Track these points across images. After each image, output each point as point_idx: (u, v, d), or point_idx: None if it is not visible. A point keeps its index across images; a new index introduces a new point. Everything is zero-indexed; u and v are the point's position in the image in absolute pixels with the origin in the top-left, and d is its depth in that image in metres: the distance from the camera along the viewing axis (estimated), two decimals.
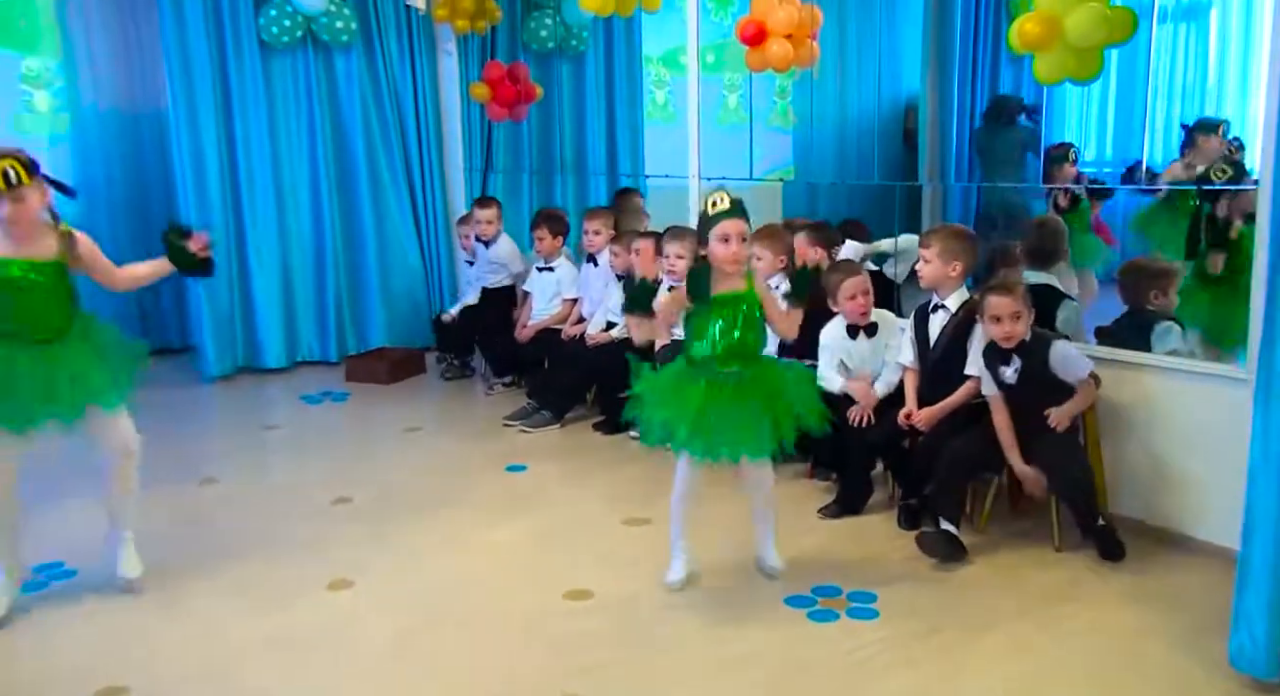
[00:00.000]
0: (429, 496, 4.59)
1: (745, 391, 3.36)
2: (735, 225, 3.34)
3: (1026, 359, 3.75)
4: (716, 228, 3.34)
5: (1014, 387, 3.78)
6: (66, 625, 3.50)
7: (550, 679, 3.04)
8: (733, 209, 3.36)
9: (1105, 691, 2.95)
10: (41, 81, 6.88)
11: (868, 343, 4.33)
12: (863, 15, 8.83)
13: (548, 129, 7.68)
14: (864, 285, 4.28)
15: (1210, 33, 7.35)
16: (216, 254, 6.40)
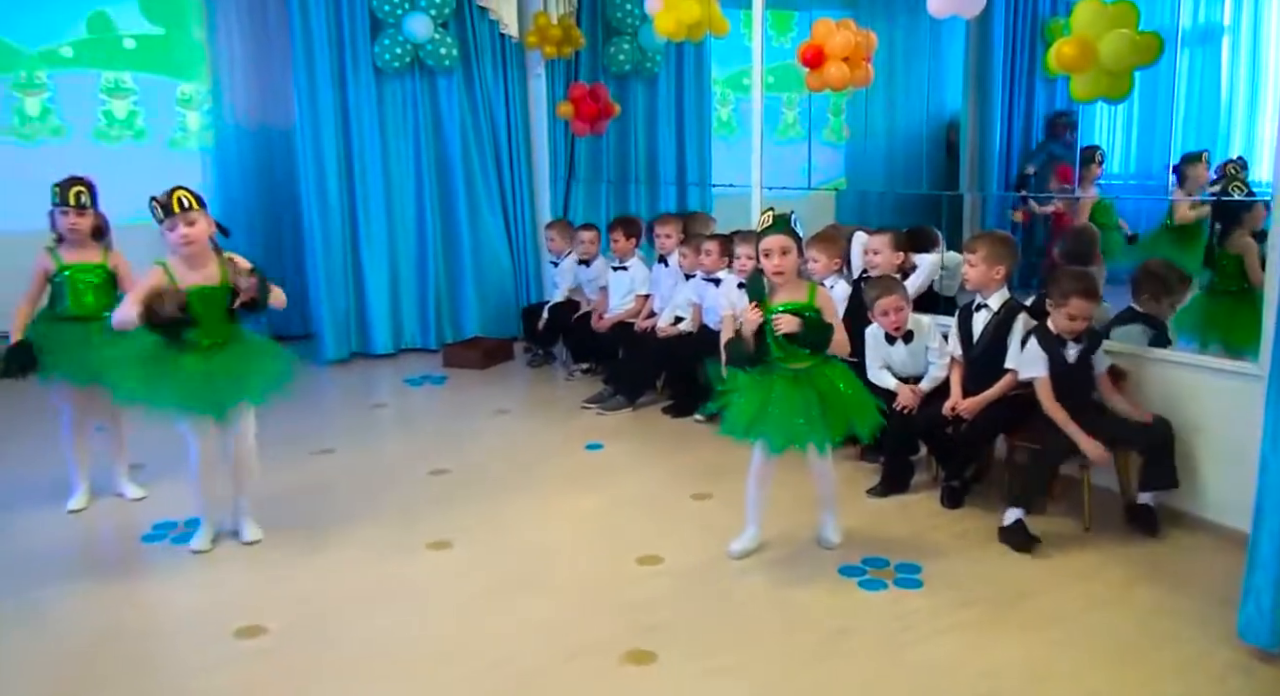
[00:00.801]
0: (516, 470, 4.60)
1: (806, 386, 3.31)
2: (776, 241, 3.29)
3: (1088, 342, 3.71)
4: (761, 244, 3.33)
5: (1070, 368, 3.70)
6: (208, 572, 3.59)
7: (622, 635, 3.03)
8: (774, 225, 3.31)
9: (1123, 659, 2.86)
10: (193, 104, 7.06)
11: (905, 348, 4.25)
12: (909, 37, 8.70)
13: (624, 143, 7.69)
14: (897, 303, 4.20)
15: (1222, 57, 7.17)
16: (335, 254, 6.56)
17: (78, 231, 3.94)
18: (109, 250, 4.04)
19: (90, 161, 6.41)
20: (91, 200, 3.97)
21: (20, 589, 3.41)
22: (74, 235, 3.94)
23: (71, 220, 3.91)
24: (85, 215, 3.94)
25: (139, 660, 2.97)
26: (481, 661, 2.91)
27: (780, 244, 3.29)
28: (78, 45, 6.70)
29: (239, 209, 7.10)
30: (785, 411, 3.27)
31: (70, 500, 4.12)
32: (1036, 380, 3.75)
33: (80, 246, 3.98)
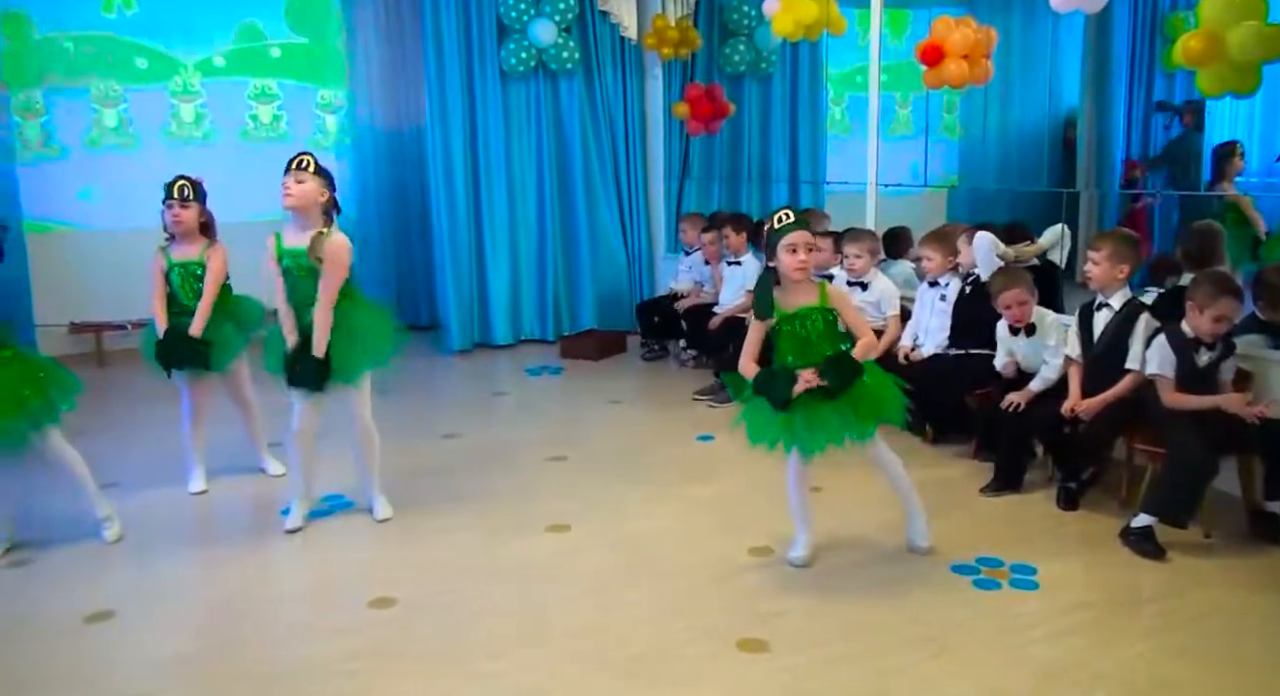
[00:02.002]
0: (630, 458, 4.63)
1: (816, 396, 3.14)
2: (802, 236, 3.16)
3: (1222, 349, 3.54)
4: (785, 238, 3.15)
5: (1199, 372, 3.52)
6: (343, 545, 3.73)
7: (733, 622, 3.02)
8: (799, 222, 3.20)
9: (1244, 670, 2.72)
10: (331, 108, 7.33)
11: (1027, 341, 4.13)
12: (1026, 32, 8.41)
13: (737, 141, 7.66)
14: (1020, 296, 4.09)
15: None
16: (461, 249, 6.69)
17: (182, 224, 4.03)
18: (210, 246, 4.10)
19: (237, 163, 6.79)
20: (196, 194, 4.06)
21: (168, 558, 3.61)
22: (179, 228, 4.04)
23: (175, 212, 4.01)
24: (189, 207, 4.04)
25: (277, 624, 3.11)
26: (602, 640, 2.95)
27: (807, 239, 3.19)
28: (229, 55, 7.02)
29: (371, 206, 7.35)
30: (814, 412, 3.13)
31: (190, 483, 4.27)
32: (1159, 379, 3.58)
33: (186, 241, 4.07)
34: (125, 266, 6.08)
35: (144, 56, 6.81)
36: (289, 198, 3.52)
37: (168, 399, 4.70)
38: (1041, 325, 4.11)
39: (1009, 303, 4.10)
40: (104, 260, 6.52)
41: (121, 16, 6.73)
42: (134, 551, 3.66)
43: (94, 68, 6.69)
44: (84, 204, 6.73)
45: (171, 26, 6.82)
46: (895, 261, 6.01)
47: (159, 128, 6.90)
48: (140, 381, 5.67)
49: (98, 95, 6.74)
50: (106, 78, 6.73)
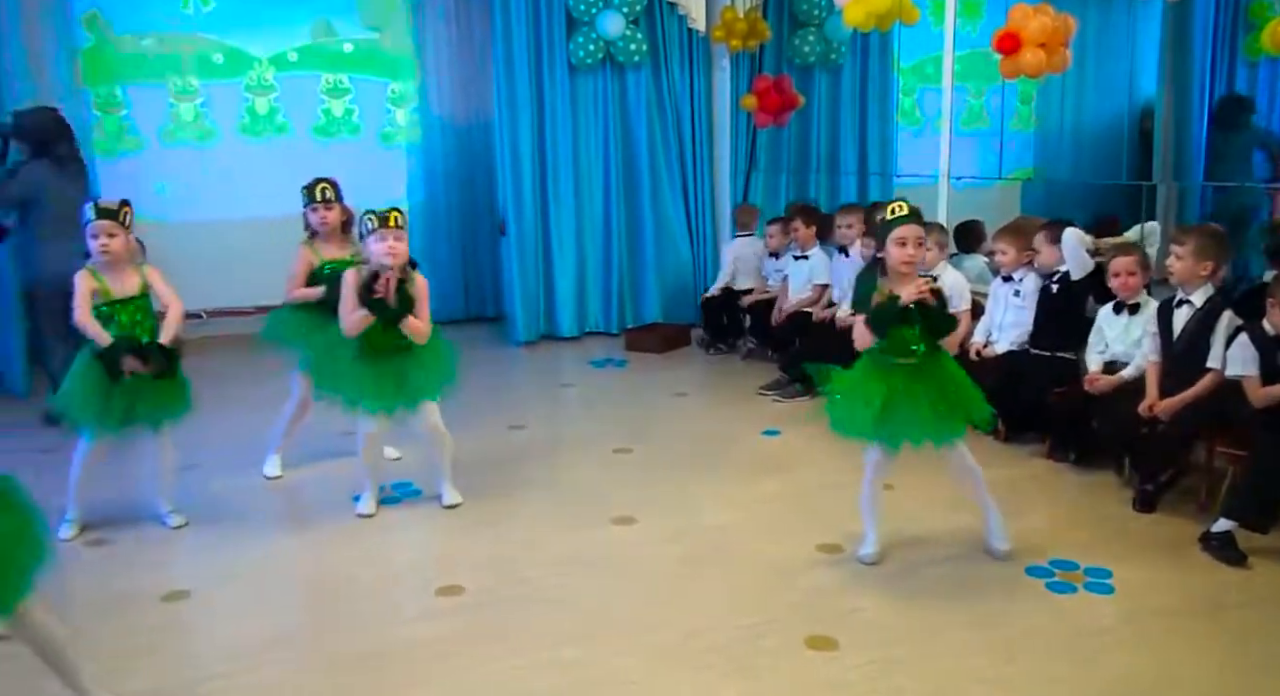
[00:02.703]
0: (696, 452, 4.65)
1: (920, 380, 3.17)
2: (914, 230, 3.15)
3: None
4: (896, 231, 3.16)
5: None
6: (412, 533, 3.82)
7: (801, 619, 3.03)
8: (911, 215, 3.18)
9: None
10: (402, 101, 7.44)
11: (1124, 321, 4.07)
12: (1102, 20, 8.21)
13: (805, 133, 7.61)
14: (1129, 266, 4.04)
15: None
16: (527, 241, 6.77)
17: (328, 224, 4.19)
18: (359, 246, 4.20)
19: (309, 156, 6.94)
20: (337, 195, 4.21)
21: (241, 541, 3.72)
22: (325, 228, 4.20)
23: (321, 214, 4.17)
24: (333, 209, 4.19)
25: (348, 609, 3.19)
26: (671, 633, 2.97)
27: (919, 234, 3.17)
28: (302, 50, 7.18)
29: (440, 198, 7.46)
30: (911, 406, 3.14)
31: (267, 466, 4.40)
32: (1244, 379, 3.48)
33: (333, 240, 4.22)
34: (200, 257, 6.28)
35: (219, 52, 6.99)
36: (396, 257, 3.67)
37: (241, 386, 4.87)
38: (1145, 309, 4.03)
39: (1119, 269, 4.04)
40: (179, 252, 6.68)
41: (198, 13, 6.92)
42: (207, 533, 3.78)
43: (171, 64, 6.89)
44: (160, 197, 6.93)
45: (246, 23, 6.99)
46: (968, 256, 5.94)
47: (234, 122, 7.08)
48: (216, 367, 5.85)
49: (174, 90, 6.94)
50: (183, 73, 6.92)
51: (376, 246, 3.65)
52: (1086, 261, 4.38)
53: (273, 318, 4.32)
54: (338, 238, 4.24)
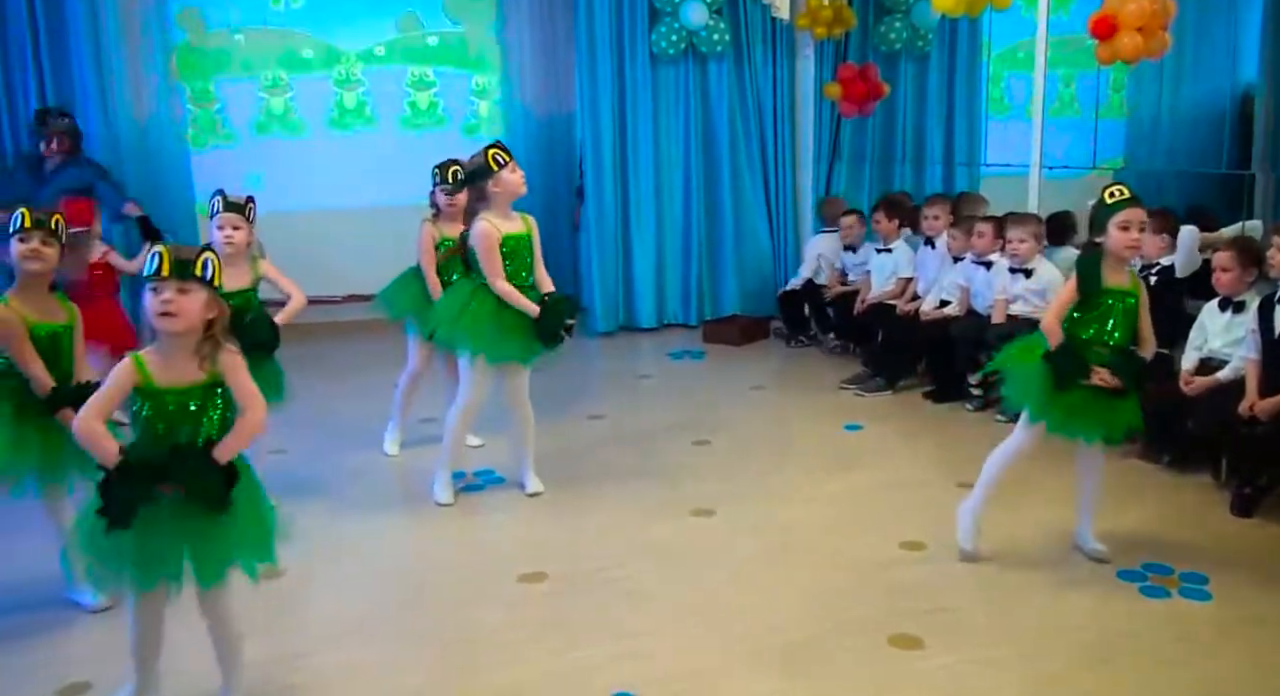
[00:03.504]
0: (775, 445, 4.64)
1: None
2: (1138, 214, 3.05)
3: None
4: (1119, 215, 3.05)
5: None
6: (495, 520, 3.90)
7: (888, 617, 3.00)
8: (1132, 199, 3.08)
9: None
10: (485, 94, 7.55)
11: (1227, 319, 3.95)
12: (1201, 2, 7.89)
13: (890, 122, 7.50)
14: (1227, 262, 3.91)
15: None
16: (607, 232, 6.80)
17: (455, 208, 4.31)
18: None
19: (395, 148, 7.07)
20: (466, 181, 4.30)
21: (334, 523, 3.83)
22: (450, 210, 4.33)
23: (450, 199, 4.31)
24: (461, 194, 4.24)
25: (436, 591, 3.27)
26: (752, 626, 2.98)
27: (1142, 217, 3.07)
28: (389, 44, 7.32)
29: None
30: (1089, 397, 3.08)
31: (386, 444, 4.55)
32: None
33: (455, 222, 4.31)
34: (292, 246, 6.44)
35: (309, 47, 7.17)
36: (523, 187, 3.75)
37: (337, 373, 5.01)
38: (1250, 307, 3.89)
39: (1223, 265, 3.93)
40: (273, 241, 6.89)
41: (288, 9, 7.10)
42: (301, 515, 3.84)
43: (262, 59, 7.09)
44: (252, 188, 7.15)
45: (335, 18, 7.16)
46: (1059, 248, 5.78)
47: (323, 115, 7.26)
48: (308, 354, 6.01)
49: (266, 84, 7.14)
50: (274, 68, 7.13)
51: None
52: (1196, 260, 4.25)
53: (395, 285, 4.44)
54: (458, 220, 4.29)
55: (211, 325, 2.32)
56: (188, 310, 2.26)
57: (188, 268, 2.25)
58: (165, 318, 2.25)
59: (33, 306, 2.93)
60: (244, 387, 2.36)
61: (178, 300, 2.24)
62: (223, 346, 2.34)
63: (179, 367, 2.31)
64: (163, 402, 2.30)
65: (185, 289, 2.25)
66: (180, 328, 2.27)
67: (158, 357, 2.32)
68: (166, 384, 2.30)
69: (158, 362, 2.31)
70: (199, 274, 2.27)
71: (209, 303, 2.30)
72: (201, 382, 2.32)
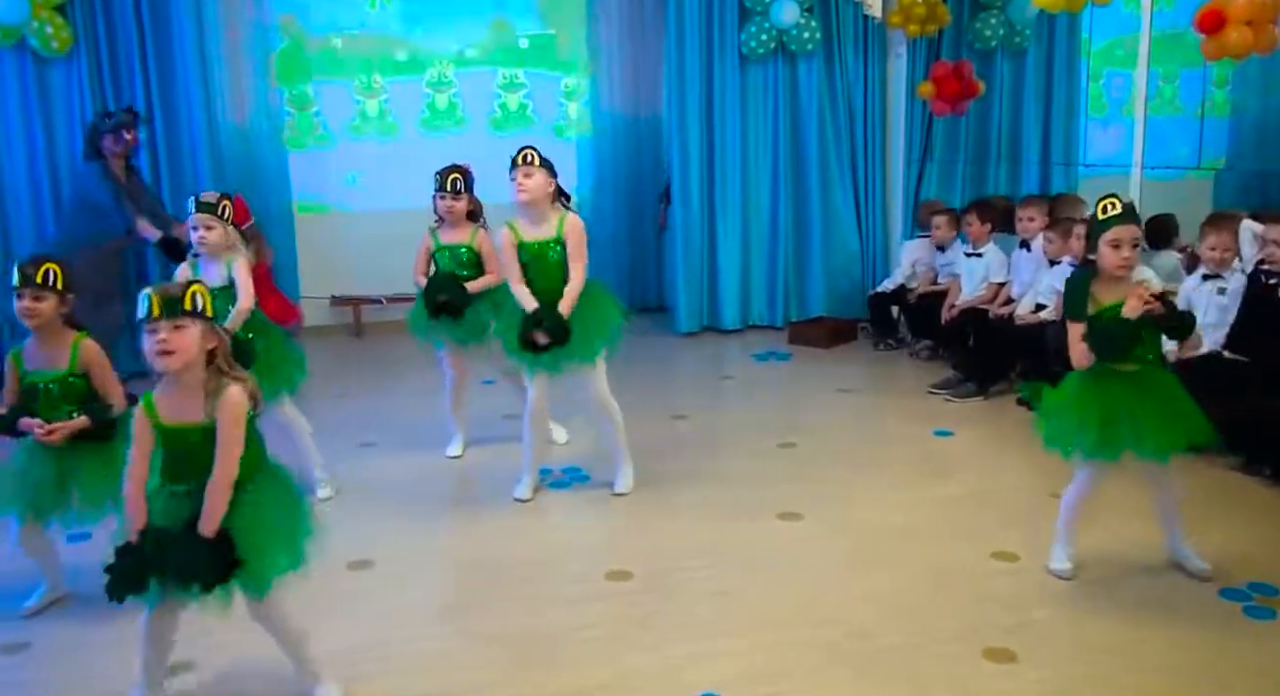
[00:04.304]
0: (862, 450, 4.58)
1: (1142, 387, 3.00)
2: (1129, 231, 2.97)
3: None
4: (1109, 232, 2.98)
5: None
6: (582, 517, 3.94)
7: (980, 629, 2.95)
8: (1125, 214, 2.99)
9: None
10: (574, 95, 7.63)
11: None
12: None
13: (985, 121, 7.34)
14: None
15: None
16: (693, 232, 6.78)
17: (454, 213, 4.36)
18: (478, 231, 4.40)
19: (485, 149, 7.16)
20: (466, 186, 4.37)
21: (420, 517, 3.92)
22: (450, 216, 4.37)
23: (448, 203, 4.34)
24: (460, 199, 4.35)
25: (523, 586, 3.32)
26: (839, 632, 2.96)
27: (1134, 234, 2.98)
28: (481, 46, 7.45)
29: (608, 190, 7.59)
30: (1133, 417, 2.97)
31: (449, 447, 4.61)
32: None
33: (455, 227, 4.39)
34: (382, 245, 6.61)
35: (403, 50, 7.34)
36: (522, 192, 3.74)
37: (421, 368, 5.12)
38: None
39: None
40: (363, 239, 7.10)
41: (384, 13, 7.28)
42: (389, 507, 4.00)
43: (358, 62, 7.28)
44: (347, 187, 7.36)
45: (429, 22, 7.32)
46: (1159, 252, 5.60)
47: (415, 117, 7.43)
48: (394, 350, 6.17)
49: (361, 87, 7.33)
50: (369, 71, 7.31)
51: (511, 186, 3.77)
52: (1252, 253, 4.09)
53: (412, 310, 4.49)
54: (462, 225, 4.37)
55: (213, 355, 2.37)
56: (183, 347, 2.30)
57: (177, 305, 2.29)
58: (163, 357, 2.30)
59: None
60: (225, 436, 2.35)
61: (173, 338, 2.28)
62: (225, 385, 2.36)
63: (183, 405, 2.37)
64: (170, 440, 2.38)
65: (179, 325, 2.29)
66: (178, 365, 2.31)
67: (164, 395, 2.39)
68: (173, 422, 2.37)
69: (164, 401, 2.38)
70: (189, 308, 2.30)
71: (205, 334, 2.34)
72: (201, 425, 2.36)
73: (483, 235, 4.40)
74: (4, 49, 5.70)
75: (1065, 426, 3.08)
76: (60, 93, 5.85)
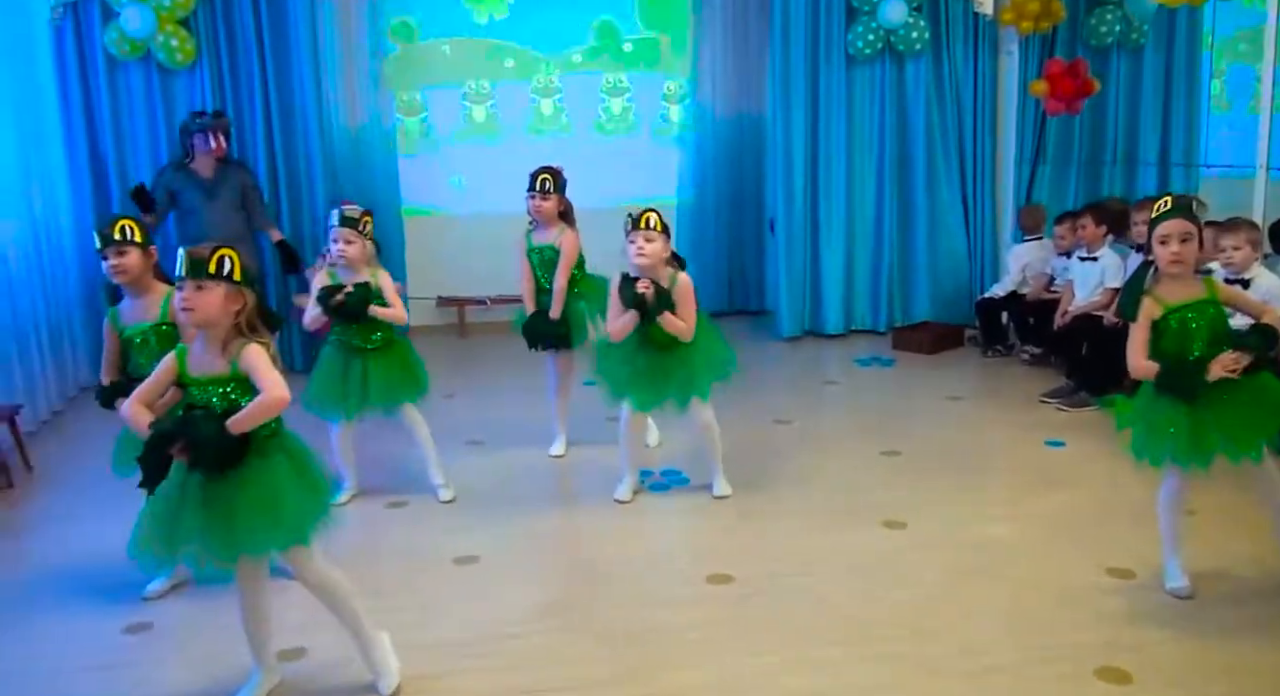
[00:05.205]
0: (971, 460, 4.49)
1: (1226, 387, 2.88)
2: (1177, 225, 2.90)
3: None
4: (1158, 228, 2.93)
5: None
6: (682, 519, 3.97)
7: (1094, 648, 2.86)
8: (1175, 209, 2.91)
9: None
10: (675, 97, 7.67)
11: None
12: None
13: (1100, 121, 7.11)
14: None
15: None
16: (796, 235, 6.75)
17: (542, 213, 4.43)
18: (565, 232, 4.45)
19: (590, 153, 7.27)
20: (556, 186, 4.43)
21: (525, 515, 3.99)
22: (540, 216, 4.44)
23: (536, 202, 4.42)
24: (549, 199, 4.40)
25: (624, 586, 3.36)
26: (946, 646, 2.91)
27: (1182, 229, 2.91)
28: (586, 51, 7.55)
29: (709, 192, 7.60)
30: (1218, 418, 2.89)
31: (552, 447, 4.69)
32: None
33: (547, 227, 4.45)
34: (487, 247, 6.75)
35: (510, 57, 7.49)
36: (643, 257, 3.76)
37: (526, 368, 5.21)
38: None
39: None
40: (467, 241, 7.26)
41: (492, 21, 7.44)
42: (494, 505, 4.09)
43: (466, 68, 7.45)
44: (454, 191, 7.53)
45: (536, 27, 7.45)
46: None
47: (522, 122, 7.56)
48: (498, 350, 6.29)
49: (469, 93, 7.50)
50: (477, 77, 7.47)
51: (629, 248, 3.78)
52: None
53: (519, 312, 4.61)
54: (553, 225, 4.44)
55: (238, 316, 2.49)
56: (203, 305, 2.43)
57: (202, 266, 2.43)
58: (184, 312, 2.48)
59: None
60: (262, 373, 2.45)
61: (194, 297, 2.43)
62: (248, 338, 2.49)
63: (208, 359, 2.50)
64: (192, 393, 2.51)
65: (201, 285, 2.43)
66: (197, 320, 2.46)
67: (195, 349, 2.53)
68: (197, 374, 2.50)
69: (194, 354, 2.52)
70: (213, 271, 2.43)
71: (229, 295, 2.46)
72: (226, 374, 2.48)
73: (569, 235, 4.46)
74: (131, 62, 6.01)
75: (1152, 435, 3.01)
76: (183, 102, 6.13)
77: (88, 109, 6.04)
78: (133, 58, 5.98)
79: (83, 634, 3.12)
